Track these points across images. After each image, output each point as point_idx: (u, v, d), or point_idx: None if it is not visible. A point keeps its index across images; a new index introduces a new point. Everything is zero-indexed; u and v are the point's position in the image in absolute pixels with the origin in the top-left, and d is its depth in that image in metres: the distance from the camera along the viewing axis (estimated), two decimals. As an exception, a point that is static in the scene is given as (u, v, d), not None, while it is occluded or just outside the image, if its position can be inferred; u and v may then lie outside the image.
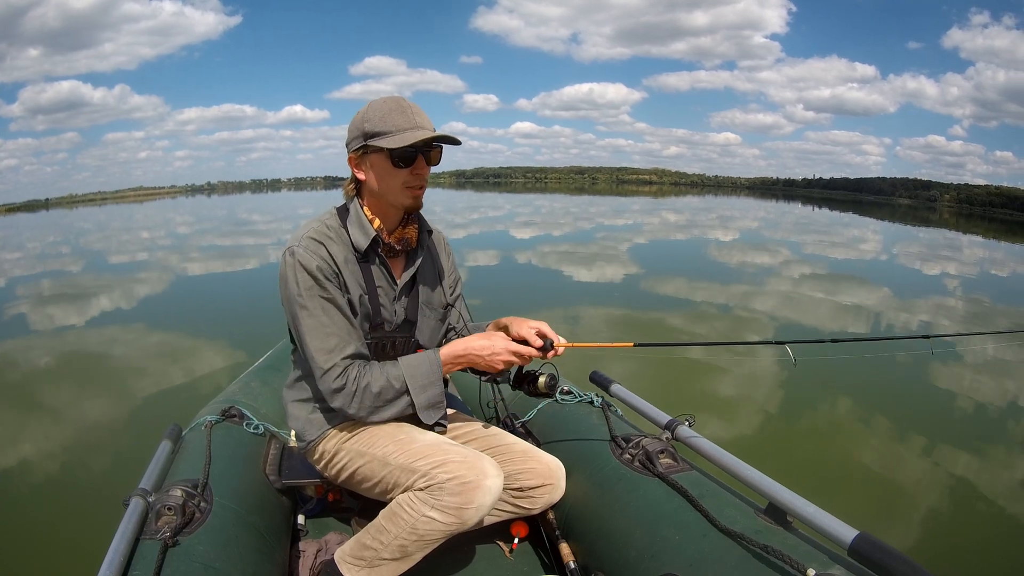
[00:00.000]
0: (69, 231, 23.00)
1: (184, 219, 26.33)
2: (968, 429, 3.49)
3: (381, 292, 1.32)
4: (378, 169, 1.25)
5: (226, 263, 10.76)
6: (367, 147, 1.23)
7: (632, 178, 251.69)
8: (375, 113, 1.22)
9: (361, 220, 1.29)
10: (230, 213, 29.76)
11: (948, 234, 25.33)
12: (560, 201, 37.27)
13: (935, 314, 6.87)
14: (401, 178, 1.24)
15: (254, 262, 10.78)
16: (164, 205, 51.92)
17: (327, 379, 1.23)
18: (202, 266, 10.37)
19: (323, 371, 1.23)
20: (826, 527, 1.00)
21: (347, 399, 1.23)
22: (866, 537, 0.94)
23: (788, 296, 7.28)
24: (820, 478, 2.79)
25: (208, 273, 9.61)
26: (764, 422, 3.51)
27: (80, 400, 3.83)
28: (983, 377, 4.46)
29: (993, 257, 15.34)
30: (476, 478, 1.14)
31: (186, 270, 9.91)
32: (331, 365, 1.22)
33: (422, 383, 1.27)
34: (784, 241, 15.61)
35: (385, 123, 1.21)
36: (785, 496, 1.09)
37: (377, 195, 1.28)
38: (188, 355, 4.66)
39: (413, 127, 1.21)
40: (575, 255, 10.90)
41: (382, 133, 1.21)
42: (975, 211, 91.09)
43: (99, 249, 14.91)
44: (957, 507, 2.66)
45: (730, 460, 1.24)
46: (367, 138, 1.23)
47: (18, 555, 2.18)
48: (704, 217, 25.77)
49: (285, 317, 1.31)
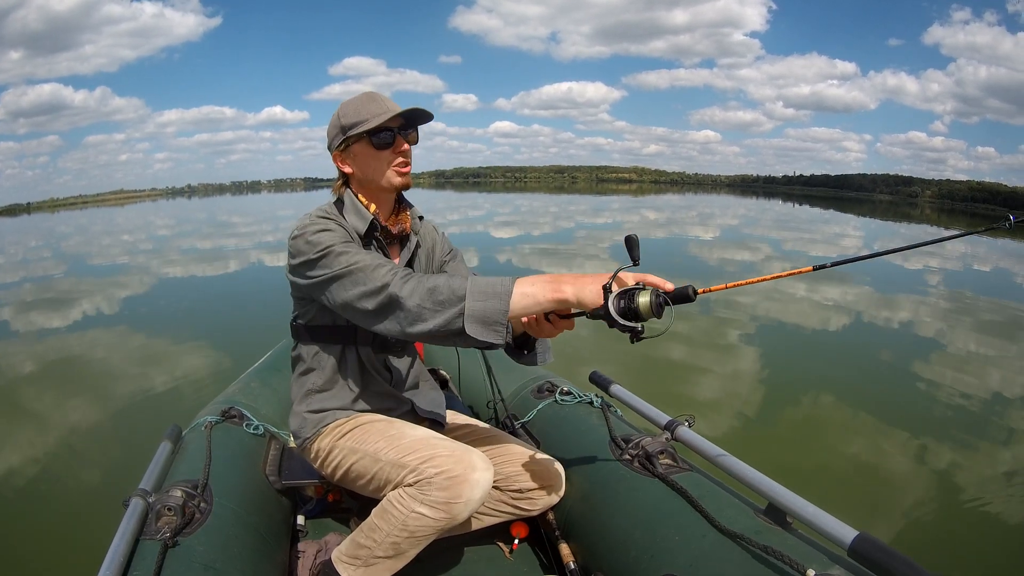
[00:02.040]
0: (51, 235, 22.86)
1: (165, 222, 26.29)
2: (967, 428, 3.50)
3: None
4: (362, 157, 1.29)
5: (211, 265, 10.78)
6: (347, 139, 1.27)
7: (612, 177, 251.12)
8: (349, 108, 1.27)
9: (357, 207, 1.31)
10: (210, 216, 29.65)
11: (930, 229, 25.42)
12: (540, 200, 37.34)
13: (916, 311, 6.93)
14: (386, 159, 1.28)
15: (245, 264, 10.82)
16: (145, 208, 51.69)
17: (379, 275, 1.12)
18: (184, 269, 10.36)
19: (376, 273, 1.12)
20: (826, 527, 1.00)
21: (400, 286, 1.09)
22: (866, 537, 0.94)
23: (768, 293, 7.31)
24: (818, 476, 2.80)
25: (197, 276, 9.61)
26: (762, 420, 3.52)
27: (79, 401, 3.83)
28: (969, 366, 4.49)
29: (975, 253, 15.38)
30: (464, 472, 1.13)
31: (170, 273, 9.93)
32: (385, 270, 1.12)
33: (485, 291, 1.04)
34: (764, 238, 15.70)
35: (359, 113, 1.25)
36: (785, 496, 1.09)
37: (367, 183, 1.31)
38: (181, 356, 4.66)
39: (385, 111, 1.25)
40: (556, 254, 10.93)
41: (358, 122, 1.25)
42: (957, 206, 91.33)
43: (83, 252, 14.90)
44: (957, 506, 2.66)
45: (730, 460, 1.23)
46: (346, 131, 1.27)
47: (18, 555, 2.18)
48: (684, 215, 25.79)
49: (294, 308, 1.32)
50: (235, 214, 30.97)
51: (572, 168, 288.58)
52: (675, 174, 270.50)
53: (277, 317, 1.32)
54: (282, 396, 1.89)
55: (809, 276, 9.32)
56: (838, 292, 7.67)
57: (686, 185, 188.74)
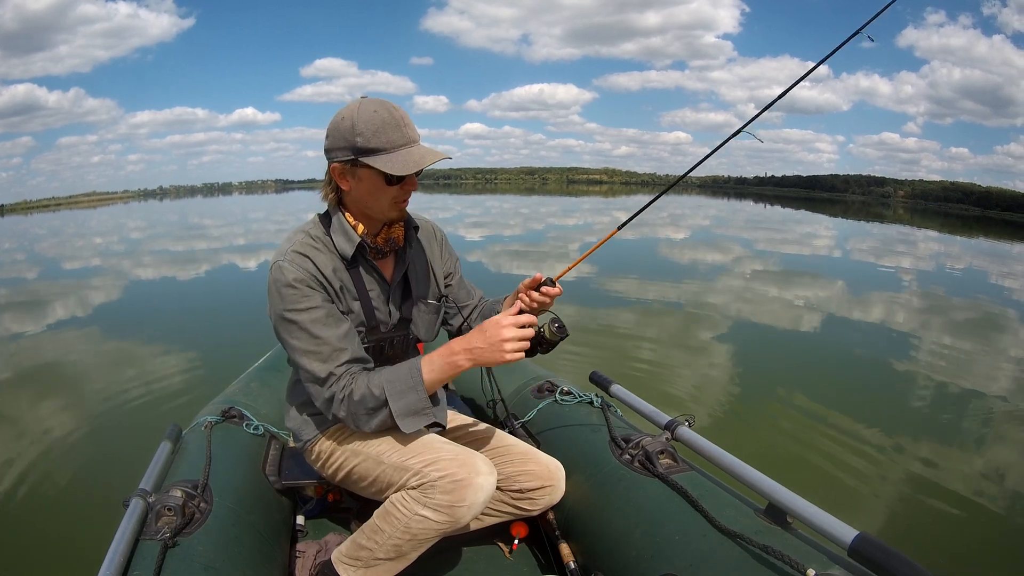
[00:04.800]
0: (24, 238, 22.56)
1: (137, 224, 25.98)
2: (968, 428, 3.50)
3: (373, 295, 1.31)
4: (367, 184, 1.20)
5: (211, 266, 10.78)
6: (357, 161, 1.17)
7: (582, 178, 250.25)
8: (367, 126, 1.14)
9: (345, 228, 1.25)
10: (182, 218, 29.36)
11: (903, 229, 25.52)
12: (510, 202, 37.21)
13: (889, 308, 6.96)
14: (391, 194, 1.21)
15: (245, 264, 10.82)
16: (117, 211, 51.15)
17: (323, 390, 1.21)
18: (184, 269, 10.34)
19: (320, 381, 1.21)
20: (826, 527, 1.00)
21: (338, 407, 1.21)
22: (866, 537, 0.94)
23: (739, 293, 7.33)
24: (819, 475, 2.79)
25: (197, 276, 9.59)
26: (762, 420, 3.51)
27: (79, 401, 3.83)
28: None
29: (937, 250, 15.46)
30: (468, 475, 1.13)
31: (170, 273, 9.88)
32: (326, 374, 1.20)
33: (400, 388, 1.19)
34: (736, 238, 15.73)
35: (379, 139, 1.14)
36: (785, 496, 1.09)
37: (362, 206, 1.25)
38: (181, 356, 4.65)
39: (407, 143, 1.16)
40: (526, 255, 10.91)
41: (377, 151, 1.14)
42: (930, 206, 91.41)
43: (83, 252, 14.86)
44: (958, 506, 2.66)
45: (730, 460, 1.23)
46: (358, 153, 1.15)
47: (18, 555, 2.18)
48: (655, 216, 25.76)
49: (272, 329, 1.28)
50: (207, 216, 30.77)
51: (543, 170, 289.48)
52: (646, 175, 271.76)
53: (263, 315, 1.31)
54: (282, 396, 1.88)
55: (809, 275, 9.35)
56: (831, 291, 7.71)
57: (657, 186, 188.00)
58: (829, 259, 12.39)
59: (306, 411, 1.35)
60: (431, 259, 1.44)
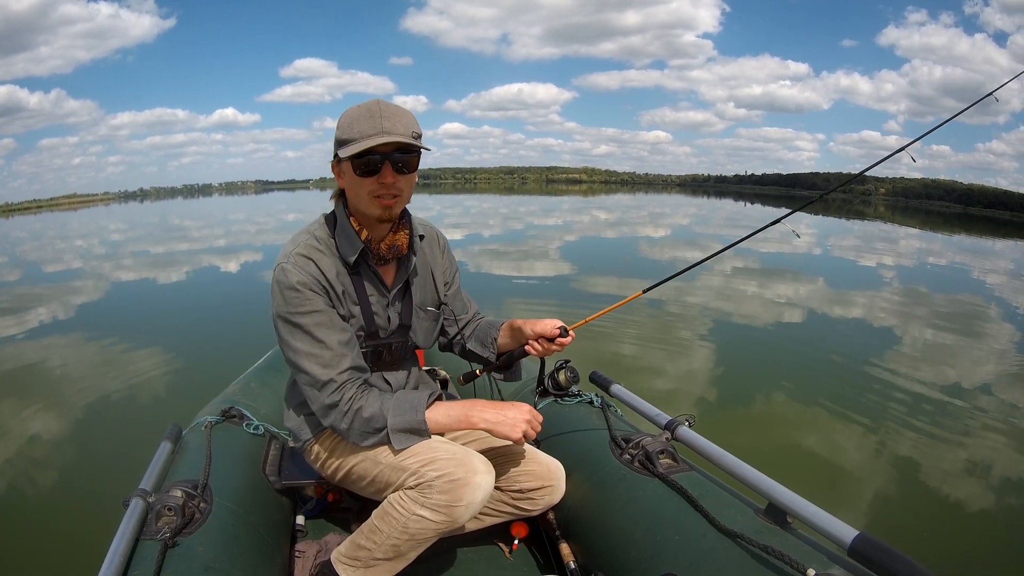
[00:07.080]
0: (10, 242, 22.58)
1: (118, 226, 25.94)
2: (969, 428, 3.50)
3: (374, 301, 1.31)
4: (348, 178, 1.21)
5: (211, 266, 10.79)
6: (338, 155, 1.19)
7: (562, 177, 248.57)
8: (346, 120, 1.17)
9: (348, 232, 1.25)
10: (163, 219, 29.36)
11: (884, 226, 25.58)
12: (490, 201, 37.26)
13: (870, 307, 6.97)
14: (367, 187, 1.18)
15: (245, 264, 10.83)
16: (97, 212, 50.97)
17: (322, 395, 1.21)
18: (184, 269, 10.36)
19: (319, 386, 1.21)
20: (826, 527, 1.00)
21: (339, 417, 1.21)
22: (866, 537, 0.94)
23: (739, 293, 7.32)
24: (818, 474, 2.80)
25: (197, 276, 9.60)
26: (763, 419, 3.52)
27: (79, 401, 3.82)
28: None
29: (914, 247, 15.42)
30: (465, 475, 1.13)
31: (170, 274, 9.92)
32: (327, 379, 1.20)
33: (402, 411, 1.22)
34: (716, 236, 15.67)
35: (351, 130, 1.15)
36: (785, 496, 1.09)
37: (354, 203, 1.24)
38: (181, 356, 4.65)
39: (377, 133, 1.13)
40: (506, 255, 10.90)
41: (347, 141, 1.15)
42: (911, 204, 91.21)
43: (82, 254, 14.86)
44: (958, 506, 2.66)
45: (730, 460, 1.23)
46: (337, 146, 1.18)
47: (18, 555, 2.18)
48: (634, 215, 25.71)
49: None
50: (187, 218, 30.72)
51: (522, 169, 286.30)
52: (625, 174, 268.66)
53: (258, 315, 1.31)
54: (282, 396, 1.88)
55: (808, 276, 9.39)
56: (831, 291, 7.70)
57: (636, 185, 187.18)
58: (829, 259, 12.34)
59: (305, 411, 1.35)
60: (433, 266, 1.44)
